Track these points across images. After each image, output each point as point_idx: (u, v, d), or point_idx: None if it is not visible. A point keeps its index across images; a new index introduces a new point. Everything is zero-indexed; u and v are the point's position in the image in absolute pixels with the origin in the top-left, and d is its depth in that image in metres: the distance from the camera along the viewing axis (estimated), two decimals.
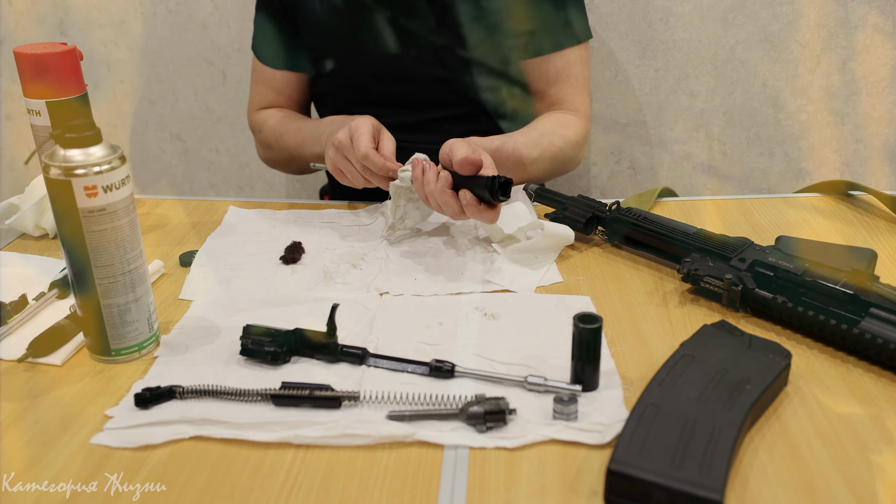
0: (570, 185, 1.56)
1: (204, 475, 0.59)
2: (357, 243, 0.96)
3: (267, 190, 1.68)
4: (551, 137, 1.06)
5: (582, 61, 1.14)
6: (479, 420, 0.63)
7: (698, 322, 0.77)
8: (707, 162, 1.51)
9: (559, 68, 1.12)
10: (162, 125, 1.62)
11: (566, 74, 1.13)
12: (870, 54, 1.38)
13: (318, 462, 0.60)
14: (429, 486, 0.58)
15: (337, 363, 0.72)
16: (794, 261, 0.78)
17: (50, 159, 0.66)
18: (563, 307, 0.81)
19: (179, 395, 0.67)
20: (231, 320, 0.79)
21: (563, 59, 1.12)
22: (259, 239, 0.98)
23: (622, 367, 0.71)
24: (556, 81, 1.13)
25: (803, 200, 1.07)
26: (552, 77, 1.13)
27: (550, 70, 1.12)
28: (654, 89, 1.45)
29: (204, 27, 1.52)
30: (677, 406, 0.60)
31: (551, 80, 1.13)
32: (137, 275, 0.71)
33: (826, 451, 0.60)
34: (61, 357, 0.73)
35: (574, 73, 1.13)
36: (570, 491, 0.57)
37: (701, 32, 1.39)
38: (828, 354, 0.72)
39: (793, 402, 0.66)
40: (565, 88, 1.13)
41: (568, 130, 1.10)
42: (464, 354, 0.73)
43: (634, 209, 0.93)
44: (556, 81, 1.13)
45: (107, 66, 1.57)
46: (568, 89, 1.13)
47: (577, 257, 0.92)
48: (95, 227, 0.67)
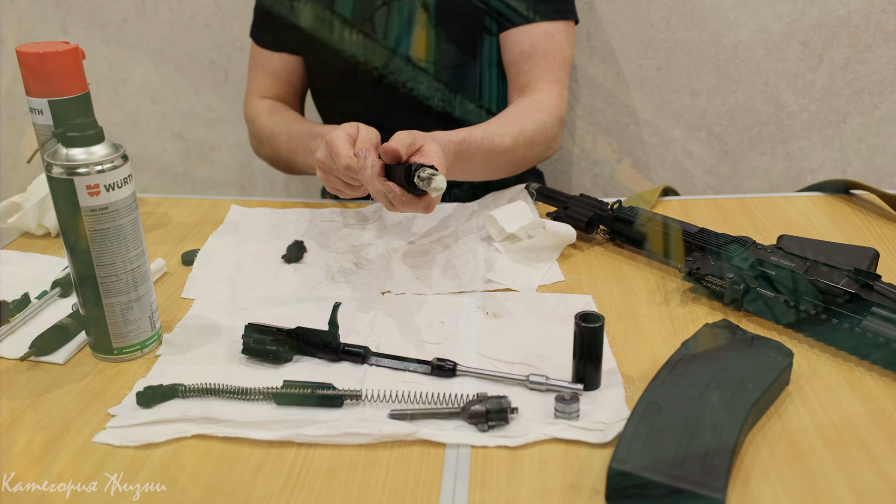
0: (571, 184, 1.56)
1: (206, 473, 0.59)
2: (359, 242, 0.96)
3: (269, 189, 1.68)
4: (522, 123, 1.02)
5: (563, 40, 1.10)
6: (481, 419, 0.63)
7: (700, 321, 0.77)
8: (709, 161, 1.50)
9: (535, 41, 1.09)
10: (164, 124, 1.62)
11: (542, 50, 1.09)
12: (872, 53, 1.38)
13: (320, 461, 0.61)
14: (430, 484, 0.58)
15: (339, 362, 0.72)
16: (796, 260, 0.78)
17: (52, 158, 0.66)
18: (564, 306, 0.81)
19: (181, 393, 0.67)
20: (233, 319, 0.79)
21: (540, 31, 1.09)
22: (261, 238, 0.98)
23: (624, 365, 0.71)
24: (531, 57, 1.09)
25: (805, 199, 1.07)
26: (526, 51, 1.09)
27: (525, 42, 1.09)
28: (655, 88, 1.45)
29: (206, 26, 1.52)
30: (679, 405, 0.60)
31: (525, 54, 1.09)
32: (139, 273, 0.72)
33: (828, 450, 0.60)
34: (63, 356, 0.73)
35: (552, 49, 1.09)
36: (571, 490, 0.57)
37: (703, 31, 1.39)
38: (829, 354, 0.72)
39: (794, 402, 0.66)
40: (542, 64, 1.09)
41: (541, 114, 1.05)
42: (465, 353, 0.73)
43: (636, 208, 0.93)
44: (530, 57, 1.09)
45: (109, 65, 1.57)
46: (544, 65, 1.09)
47: (579, 256, 0.92)
48: (98, 225, 0.67)
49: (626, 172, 1.54)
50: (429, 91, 1.15)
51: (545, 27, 1.09)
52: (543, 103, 1.07)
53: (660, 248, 0.89)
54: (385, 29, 1.12)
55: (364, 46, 1.13)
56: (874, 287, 0.72)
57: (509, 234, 0.92)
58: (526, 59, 1.10)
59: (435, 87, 1.14)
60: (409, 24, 1.11)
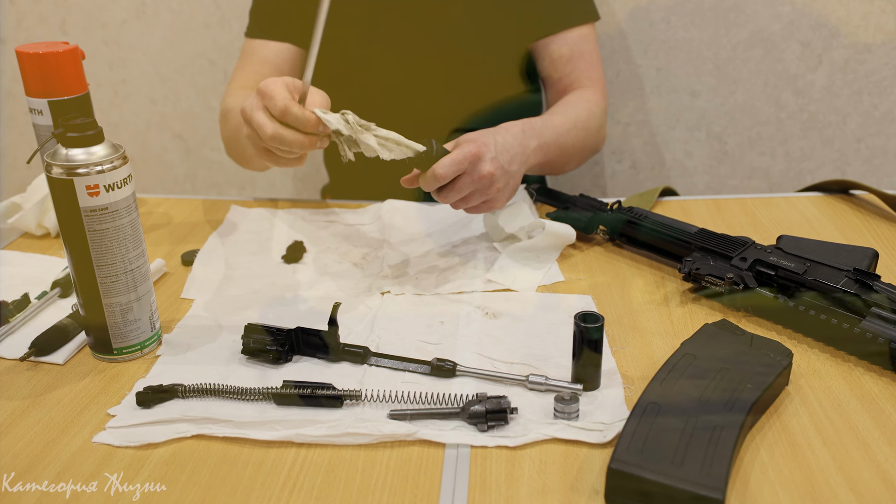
0: (571, 184, 1.56)
1: (206, 474, 0.59)
2: (358, 242, 0.96)
3: (268, 189, 1.68)
4: (577, 111, 1.06)
5: (593, 40, 1.15)
6: (481, 419, 0.63)
7: (699, 321, 0.77)
8: (708, 161, 1.51)
9: (572, 45, 1.13)
10: (164, 124, 1.62)
11: (579, 51, 1.13)
12: (871, 53, 1.38)
13: (320, 461, 0.61)
14: (430, 484, 0.58)
15: (338, 362, 0.72)
16: (796, 260, 0.78)
17: (52, 158, 0.66)
18: (564, 306, 0.81)
19: (181, 393, 0.67)
20: (233, 319, 0.79)
21: (575, 35, 1.13)
22: (261, 238, 0.98)
23: (623, 366, 0.71)
24: (570, 60, 1.13)
25: (805, 200, 1.07)
26: (565, 55, 1.13)
27: (563, 47, 1.13)
28: (655, 88, 1.45)
29: (206, 26, 1.52)
30: (678, 405, 0.60)
31: (564, 58, 1.13)
32: (139, 274, 0.72)
33: (827, 450, 0.60)
34: (63, 356, 0.73)
35: (587, 50, 1.14)
36: (571, 490, 0.57)
37: (702, 32, 1.39)
38: (829, 354, 0.72)
39: (794, 402, 0.66)
40: (581, 65, 1.13)
41: (588, 104, 1.09)
42: (465, 353, 0.73)
43: (636, 208, 0.93)
44: (569, 60, 1.13)
45: (109, 66, 1.57)
46: (583, 66, 1.14)
47: (579, 256, 0.92)
48: (97, 226, 0.68)
49: (626, 173, 1.54)
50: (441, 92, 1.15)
51: (579, 31, 1.13)
52: (589, 96, 1.11)
53: (659, 249, 0.89)
54: (397, 24, 1.12)
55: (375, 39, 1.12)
56: (874, 287, 0.72)
57: (509, 235, 0.92)
58: (566, 63, 1.14)
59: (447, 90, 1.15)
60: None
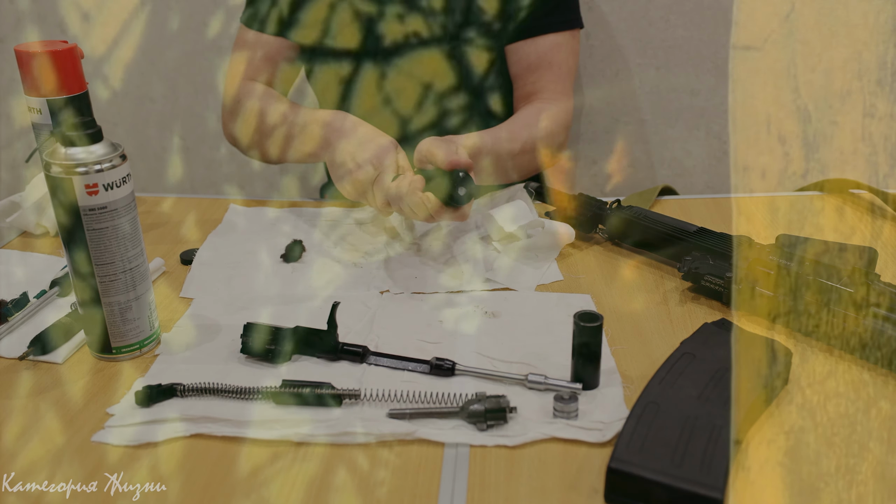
0: (570, 183, 1.56)
1: (205, 473, 0.59)
2: (357, 241, 0.96)
3: (268, 188, 1.68)
4: (531, 130, 1.03)
5: (569, 50, 1.10)
6: (480, 418, 0.63)
7: (699, 320, 0.77)
8: (707, 160, 1.50)
9: (541, 53, 1.09)
10: (163, 123, 1.62)
11: (548, 61, 1.09)
12: (871, 53, 1.38)
13: (319, 460, 0.61)
14: (429, 484, 0.58)
15: (337, 361, 0.72)
16: (795, 259, 0.78)
17: (51, 157, 0.66)
18: (563, 305, 0.81)
19: (180, 392, 0.67)
20: (232, 318, 0.79)
21: (547, 43, 1.09)
22: (260, 237, 0.98)
23: (622, 365, 0.71)
24: (538, 68, 1.09)
25: (804, 199, 1.07)
26: (533, 63, 1.09)
27: (532, 55, 1.09)
28: (654, 87, 1.45)
29: (206, 26, 1.52)
30: (678, 404, 0.60)
31: (532, 66, 1.10)
32: (138, 273, 0.72)
33: (826, 449, 0.60)
34: (62, 355, 0.73)
35: (558, 60, 1.09)
36: (570, 489, 0.57)
37: (702, 31, 1.39)
38: (829, 354, 0.72)
39: (794, 402, 0.66)
40: (547, 75, 1.10)
41: (548, 122, 1.06)
42: (464, 352, 0.73)
43: (635, 207, 0.93)
44: (536, 68, 1.09)
45: (108, 64, 1.57)
46: (549, 76, 1.10)
47: (578, 255, 0.92)
48: (96, 224, 0.67)
49: (625, 172, 1.54)
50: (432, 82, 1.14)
51: (552, 38, 1.09)
52: (550, 112, 1.08)
53: (658, 248, 0.89)
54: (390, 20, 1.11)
55: (371, 34, 1.12)
56: (873, 287, 0.72)
57: (508, 234, 0.92)
58: (532, 71, 1.10)
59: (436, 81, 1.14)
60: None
